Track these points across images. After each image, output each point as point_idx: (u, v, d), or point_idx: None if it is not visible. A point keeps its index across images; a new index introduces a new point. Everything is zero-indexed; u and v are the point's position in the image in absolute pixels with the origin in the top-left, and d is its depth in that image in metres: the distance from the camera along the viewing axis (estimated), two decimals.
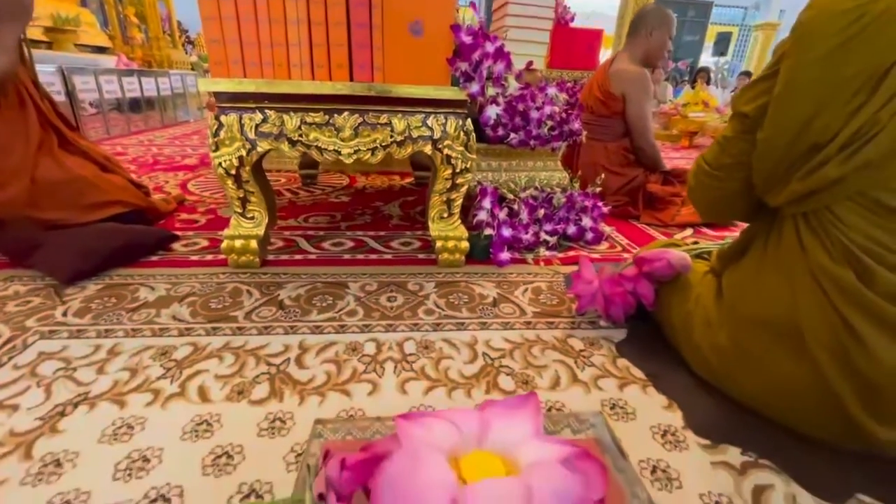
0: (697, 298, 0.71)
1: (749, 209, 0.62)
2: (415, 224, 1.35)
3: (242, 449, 0.52)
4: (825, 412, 0.53)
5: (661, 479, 0.51)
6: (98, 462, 0.50)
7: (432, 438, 0.38)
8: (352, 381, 0.65)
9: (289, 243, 1.16)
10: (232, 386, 0.63)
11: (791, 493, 0.50)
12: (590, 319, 0.85)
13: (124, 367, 0.66)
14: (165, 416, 0.57)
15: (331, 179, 1.89)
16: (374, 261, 1.07)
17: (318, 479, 0.34)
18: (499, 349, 0.75)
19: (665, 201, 1.49)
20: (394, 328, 0.79)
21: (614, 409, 0.62)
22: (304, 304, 0.86)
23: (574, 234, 1.22)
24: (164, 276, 0.95)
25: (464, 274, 1.02)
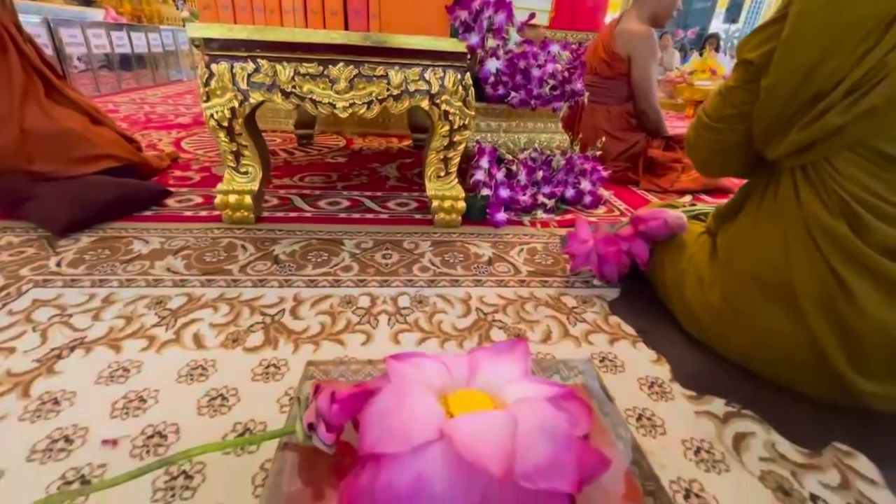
0: (691, 258, 0.71)
1: (747, 164, 0.61)
2: (412, 186, 1.34)
3: (237, 391, 0.53)
4: (811, 366, 0.54)
5: (645, 425, 0.53)
6: (95, 401, 0.51)
7: (421, 376, 0.38)
8: (346, 332, 0.66)
9: (284, 201, 1.15)
10: (227, 334, 0.64)
11: (770, 441, 0.52)
12: (584, 279, 0.85)
13: (119, 314, 0.66)
14: (161, 360, 0.58)
15: (327, 140, 1.86)
16: (370, 220, 1.07)
17: (308, 412, 0.35)
18: (492, 304, 0.75)
19: (665, 167, 1.48)
20: (388, 284, 0.79)
21: (603, 361, 0.63)
22: (299, 260, 0.86)
23: (572, 198, 1.21)
24: (157, 231, 0.94)
25: (460, 234, 1.02)
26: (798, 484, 0.47)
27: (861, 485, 0.47)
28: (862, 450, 0.51)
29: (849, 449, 0.51)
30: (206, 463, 0.44)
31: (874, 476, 0.48)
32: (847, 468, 0.49)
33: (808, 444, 0.51)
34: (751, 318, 0.58)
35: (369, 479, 0.31)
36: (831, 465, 0.49)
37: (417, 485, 0.30)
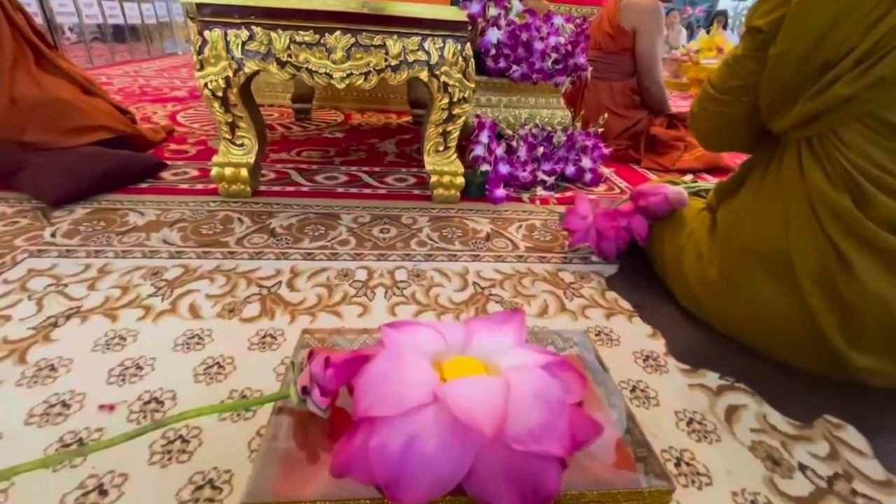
0: (691, 233, 0.71)
1: (751, 137, 0.60)
2: (411, 162, 1.32)
3: (233, 360, 0.54)
4: (806, 341, 0.55)
5: (639, 397, 0.53)
6: (91, 368, 0.51)
7: (417, 343, 0.38)
8: (343, 304, 0.66)
9: (281, 175, 1.13)
10: (223, 305, 0.64)
11: (762, 413, 0.52)
12: (582, 255, 0.85)
13: (115, 285, 0.66)
14: (157, 329, 0.58)
15: (325, 116, 1.83)
16: (368, 195, 1.06)
17: (302, 376, 0.35)
18: (489, 279, 0.75)
19: (667, 145, 1.46)
20: (385, 257, 0.79)
21: (599, 335, 0.63)
22: (295, 233, 0.85)
23: (572, 175, 1.20)
24: (153, 203, 0.93)
25: (458, 210, 1.01)
26: (787, 454, 0.47)
27: (849, 455, 0.48)
28: (852, 423, 0.51)
29: (839, 421, 0.52)
30: (203, 428, 0.45)
31: (863, 447, 0.49)
32: (836, 439, 0.49)
33: (800, 416, 0.52)
34: (748, 292, 0.58)
35: (362, 441, 0.31)
36: (821, 437, 0.50)
37: (410, 447, 0.30)
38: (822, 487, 0.44)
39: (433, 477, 0.29)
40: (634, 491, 0.32)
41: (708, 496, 0.42)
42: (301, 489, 0.31)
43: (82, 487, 0.38)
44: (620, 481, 0.33)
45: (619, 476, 0.33)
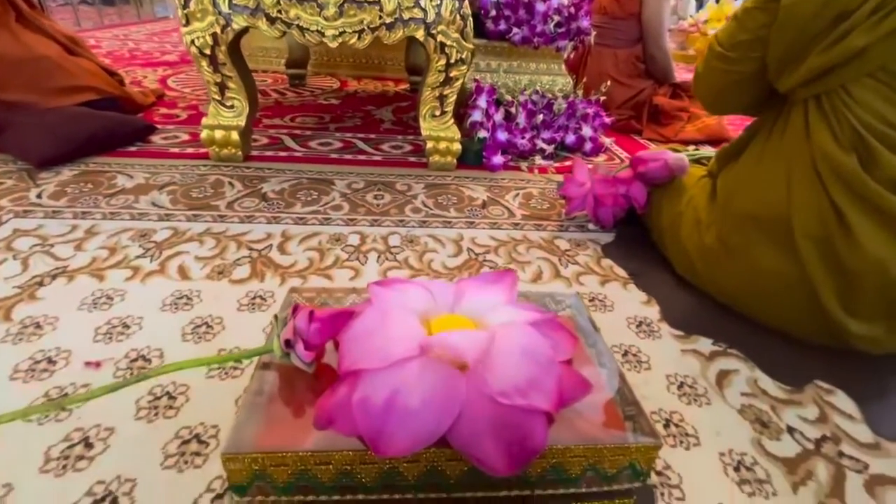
0: (690, 200, 0.69)
1: (757, 99, 0.58)
2: (407, 129, 1.29)
3: (222, 320, 0.53)
4: (801, 307, 0.54)
5: (631, 361, 0.53)
6: (78, 326, 0.50)
7: (405, 300, 0.38)
8: (334, 267, 0.65)
9: (274, 140, 1.11)
10: (213, 266, 0.63)
11: (753, 378, 0.52)
12: (579, 223, 0.84)
13: (102, 245, 0.65)
14: (145, 290, 0.57)
15: (321, 82, 1.78)
16: (363, 161, 1.03)
17: (286, 329, 0.34)
18: (484, 245, 0.74)
19: (670, 116, 1.42)
20: (379, 223, 0.78)
21: (593, 301, 0.62)
22: (287, 198, 0.83)
23: (572, 144, 1.17)
24: (142, 166, 0.91)
25: (454, 178, 0.99)
26: (777, 417, 0.47)
27: (838, 419, 0.48)
28: (843, 388, 0.51)
29: (830, 387, 0.52)
30: (190, 385, 0.44)
31: (852, 411, 0.49)
32: (826, 404, 0.49)
33: (791, 381, 0.52)
34: (745, 257, 0.57)
35: (346, 393, 0.31)
36: (811, 401, 0.50)
37: (393, 400, 0.29)
38: (809, 449, 0.44)
39: (417, 429, 0.29)
40: (621, 446, 0.32)
41: (695, 456, 0.42)
42: (284, 441, 0.30)
43: (67, 440, 0.38)
44: (608, 438, 0.33)
45: (607, 433, 0.33)
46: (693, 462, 0.42)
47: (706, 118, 1.42)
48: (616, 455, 0.32)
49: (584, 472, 0.33)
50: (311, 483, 0.30)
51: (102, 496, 0.35)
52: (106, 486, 0.35)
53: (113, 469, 0.36)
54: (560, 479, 0.33)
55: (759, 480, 0.41)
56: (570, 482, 0.33)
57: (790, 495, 0.40)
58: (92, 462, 0.37)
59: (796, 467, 0.42)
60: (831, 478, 0.41)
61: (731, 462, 0.42)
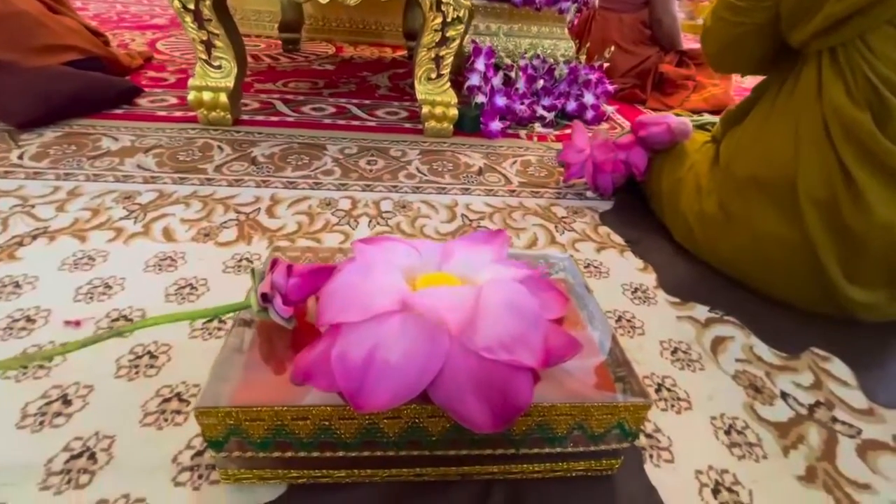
0: (692, 166, 0.67)
1: (766, 56, 0.55)
2: (403, 95, 1.25)
3: (207, 282, 0.52)
4: (801, 273, 0.53)
5: (624, 326, 0.52)
6: (58, 286, 0.49)
7: (390, 257, 0.36)
8: (324, 231, 0.63)
9: (265, 105, 1.07)
10: (198, 229, 0.61)
11: (749, 344, 0.51)
12: (577, 191, 0.82)
13: (85, 207, 0.63)
14: (128, 251, 0.56)
15: (315, 48, 1.72)
16: (357, 127, 1.00)
17: (263, 283, 0.33)
18: (479, 212, 0.72)
19: (676, 84, 1.38)
20: (371, 188, 0.76)
21: (588, 268, 0.61)
22: (278, 162, 0.81)
23: (573, 111, 1.14)
24: (128, 129, 0.88)
25: (451, 144, 0.96)
26: (770, 383, 0.46)
27: (833, 385, 0.47)
28: (839, 355, 0.50)
29: (826, 354, 0.51)
30: (172, 345, 0.43)
31: (847, 378, 0.48)
32: (821, 371, 0.49)
33: (787, 349, 0.51)
34: (745, 224, 0.55)
35: (324, 348, 0.29)
36: (806, 368, 0.49)
37: (373, 355, 0.28)
38: (802, 414, 0.43)
39: (397, 384, 0.27)
40: (609, 404, 0.31)
41: (686, 420, 0.42)
42: (260, 397, 0.29)
43: (45, 397, 0.37)
44: (596, 397, 0.32)
45: (595, 393, 0.32)
46: (684, 425, 0.41)
47: (712, 87, 1.38)
48: (604, 414, 0.31)
49: (570, 432, 0.32)
50: (289, 439, 0.30)
51: (80, 451, 0.34)
52: (83, 442, 0.35)
53: (91, 426, 0.36)
54: (545, 438, 0.32)
55: (749, 444, 0.40)
56: (556, 441, 0.32)
57: (780, 458, 0.39)
58: (70, 419, 0.36)
59: (788, 431, 0.42)
60: (823, 442, 0.41)
61: (723, 426, 0.41)
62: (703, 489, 0.36)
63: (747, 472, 0.38)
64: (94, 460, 0.34)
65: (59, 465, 0.33)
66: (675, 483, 0.36)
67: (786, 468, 0.38)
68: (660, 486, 0.36)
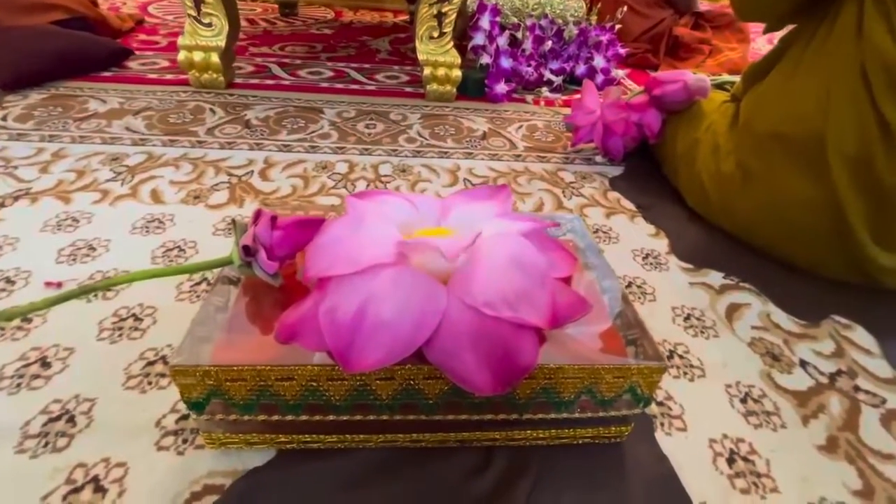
0: (709, 126, 0.63)
1: (797, 2, 0.50)
2: (405, 60, 1.19)
3: (196, 244, 0.49)
4: (825, 237, 0.49)
5: (635, 292, 0.49)
6: (40, 247, 0.47)
7: (384, 211, 0.33)
8: (319, 195, 0.60)
9: (260, 68, 1.03)
10: (188, 191, 0.58)
11: (766, 312, 0.48)
12: (586, 156, 0.78)
13: (70, 169, 0.60)
14: (114, 213, 0.53)
15: (314, 12, 1.65)
16: (356, 90, 0.96)
17: (245, 236, 0.30)
18: (482, 176, 0.69)
19: (690, 49, 1.31)
20: (370, 152, 0.72)
21: (597, 233, 0.58)
22: (272, 125, 0.77)
23: (582, 75, 1.08)
24: (117, 91, 0.84)
25: (453, 108, 0.92)
26: (789, 350, 0.44)
27: (855, 354, 0.44)
28: (862, 323, 0.48)
29: (848, 321, 0.48)
30: (158, 307, 0.41)
31: (871, 346, 0.45)
32: (843, 339, 0.46)
33: (807, 316, 0.48)
34: (765, 184, 0.52)
35: (312, 305, 0.27)
36: (827, 336, 0.46)
37: (364, 310, 0.25)
38: (823, 383, 0.41)
39: (390, 342, 0.25)
40: (621, 367, 0.28)
41: (700, 387, 0.39)
42: (242, 356, 0.27)
43: (24, 359, 0.36)
44: (606, 360, 0.29)
45: (605, 357, 0.30)
46: (697, 393, 0.39)
47: (729, 52, 1.31)
48: (615, 377, 0.29)
49: (578, 396, 0.29)
50: (274, 401, 0.27)
51: (58, 414, 0.32)
52: (63, 405, 0.33)
53: (71, 389, 0.34)
54: (551, 403, 0.30)
55: (766, 412, 0.38)
56: (563, 406, 0.30)
57: (799, 427, 0.37)
58: (49, 381, 0.34)
59: (808, 400, 0.39)
60: (845, 411, 0.39)
61: (738, 394, 0.39)
62: (717, 458, 0.34)
63: (764, 441, 0.35)
64: (74, 423, 0.32)
65: (36, 428, 0.31)
66: (688, 451, 0.34)
67: (805, 438, 0.36)
68: (671, 455, 0.34)
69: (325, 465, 0.30)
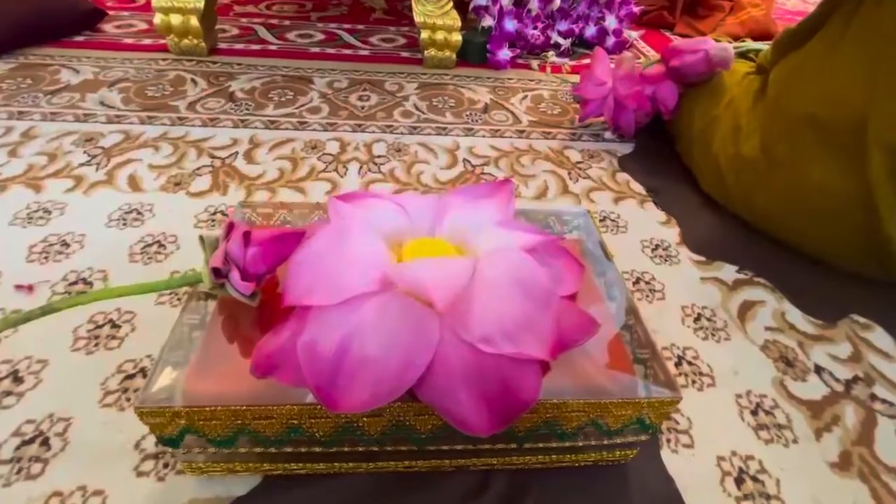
0: (730, 102, 0.58)
1: None
2: (401, 20, 1.11)
3: (177, 239, 0.46)
4: (852, 232, 0.46)
5: (643, 289, 0.46)
6: (9, 244, 0.44)
7: (371, 218, 0.30)
8: (308, 179, 0.56)
9: (246, 31, 0.96)
10: (168, 177, 0.54)
11: (781, 311, 0.46)
12: (594, 131, 0.73)
13: (41, 151, 0.56)
14: (89, 202, 0.50)
15: None
16: (348, 56, 0.90)
17: (215, 255, 0.27)
18: (483, 156, 0.64)
19: (710, 6, 1.22)
20: (363, 128, 0.68)
21: (605, 221, 0.55)
22: (258, 98, 0.72)
23: (592, 37, 1.01)
24: (91, 59, 0.78)
25: (453, 76, 0.86)
26: (804, 354, 0.42)
27: (873, 358, 0.42)
28: (882, 323, 0.45)
29: (867, 321, 0.45)
30: (137, 313, 0.39)
31: (890, 349, 0.43)
32: (861, 341, 0.44)
33: (824, 315, 0.45)
34: (791, 170, 0.48)
35: (290, 336, 0.24)
36: (844, 338, 0.44)
37: (347, 345, 0.23)
38: (838, 391, 0.39)
39: (375, 382, 0.22)
40: (630, 401, 0.26)
41: (709, 398, 0.37)
42: (215, 389, 0.25)
43: None
44: (613, 386, 0.27)
45: (612, 380, 0.27)
46: (706, 405, 0.37)
47: (752, 9, 1.21)
48: (623, 410, 0.26)
49: (582, 427, 0.27)
50: (254, 437, 0.25)
51: (32, 437, 0.30)
52: (36, 426, 0.31)
53: (45, 407, 0.32)
54: (553, 434, 0.28)
55: (778, 426, 0.36)
56: (566, 437, 0.28)
57: (812, 442, 0.35)
58: (21, 398, 0.32)
59: (822, 411, 0.37)
60: (860, 423, 0.37)
61: (749, 405, 0.37)
62: (725, 478, 0.32)
63: (775, 458, 0.34)
64: (48, 447, 0.30)
65: (8, 453, 0.30)
66: (695, 471, 0.32)
67: (817, 453, 0.34)
68: (677, 475, 0.32)
69: (316, 490, 0.29)
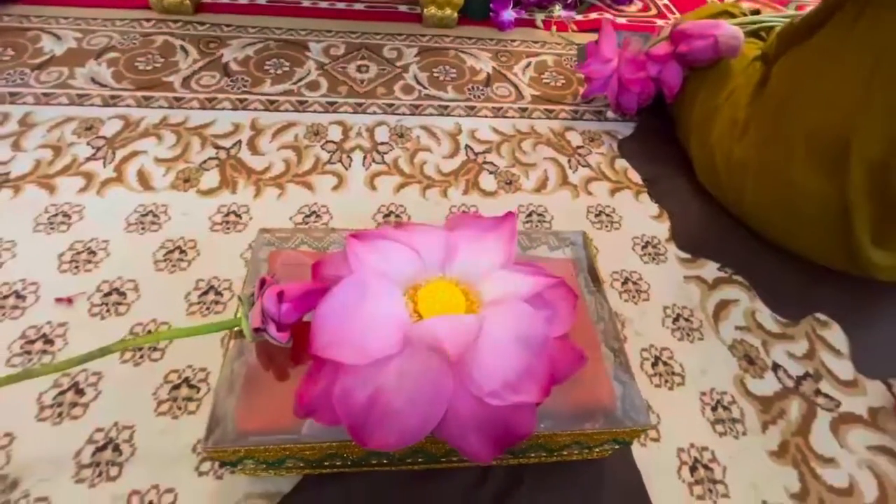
0: (732, 93, 0.58)
1: None
2: None
3: (195, 244, 0.49)
4: (828, 232, 0.49)
5: (630, 290, 0.51)
6: (39, 252, 0.46)
7: (388, 267, 0.33)
8: (314, 173, 0.58)
9: None
10: (177, 172, 0.55)
11: (752, 309, 0.51)
12: (596, 108, 0.72)
13: (44, 143, 0.56)
14: (104, 204, 0.51)
15: None
16: (343, 12, 0.85)
17: (253, 313, 0.30)
18: (485, 141, 0.65)
19: None
20: (364, 108, 0.67)
21: (599, 216, 0.57)
22: (254, 71, 0.70)
23: None
24: (70, 20, 0.74)
25: (455, 38, 0.82)
26: (765, 353, 0.47)
27: (825, 355, 0.48)
28: (840, 319, 0.50)
29: (826, 318, 0.51)
30: (172, 323, 0.43)
31: (841, 346, 0.49)
32: (817, 338, 0.49)
33: (791, 314, 0.50)
34: (779, 174, 0.50)
35: (325, 385, 0.29)
36: (803, 335, 0.49)
37: (376, 398, 0.27)
38: (789, 387, 0.45)
39: (402, 428, 0.28)
40: (608, 431, 0.31)
41: (677, 396, 0.44)
42: (264, 422, 0.30)
43: (57, 386, 0.38)
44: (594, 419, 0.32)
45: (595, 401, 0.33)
46: (674, 402, 0.43)
47: None
48: (602, 436, 0.32)
49: (567, 445, 0.33)
50: (299, 460, 0.31)
51: (104, 443, 0.36)
52: (105, 434, 0.36)
53: (109, 416, 0.37)
54: (543, 449, 0.34)
55: (732, 420, 0.43)
56: (554, 452, 0.34)
57: (758, 434, 0.42)
58: (87, 409, 0.38)
59: (771, 406, 0.44)
60: (801, 416, 0.43)
61: (711, 402, 0.43)
62: (682, 467, 0.39)
63: (725, 448, 0.41)
64: (119, 452, 0.36)
65: (87, 458, 0.35)
66: (658, 462, 0.39)
67: (761, 444, 0.41)
68: (644, 467, 0.39)
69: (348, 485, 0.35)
